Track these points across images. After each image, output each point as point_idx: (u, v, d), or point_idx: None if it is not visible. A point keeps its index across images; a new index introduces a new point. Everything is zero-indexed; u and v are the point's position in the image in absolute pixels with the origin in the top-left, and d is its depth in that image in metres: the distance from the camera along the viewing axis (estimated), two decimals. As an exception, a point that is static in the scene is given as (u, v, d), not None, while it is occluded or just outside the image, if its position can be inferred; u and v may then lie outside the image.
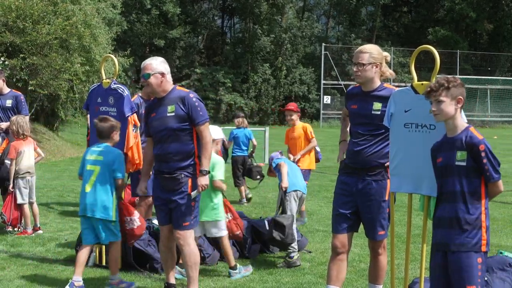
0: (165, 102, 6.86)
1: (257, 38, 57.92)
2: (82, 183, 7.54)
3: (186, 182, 6.77)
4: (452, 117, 5.10)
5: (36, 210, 10.63)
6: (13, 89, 11.96)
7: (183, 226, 6.85)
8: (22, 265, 8.40)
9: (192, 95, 6.86)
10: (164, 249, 7.19)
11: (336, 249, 6.33)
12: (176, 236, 6.97)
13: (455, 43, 60.62)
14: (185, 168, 6.78)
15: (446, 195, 5.09)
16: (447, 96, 5.06)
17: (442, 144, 5.19)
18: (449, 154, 5.07)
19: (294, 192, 9.33)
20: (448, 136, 5.16)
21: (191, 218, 6.86)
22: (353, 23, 64.37)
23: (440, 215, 5.14)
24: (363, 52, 6.24)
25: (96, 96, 8.45)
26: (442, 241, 5.09)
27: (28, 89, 22.42)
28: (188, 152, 6.79)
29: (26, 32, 22.79)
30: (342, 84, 55.08)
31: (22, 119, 10.38)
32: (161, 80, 6.85)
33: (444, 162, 5.10)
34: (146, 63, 6.94)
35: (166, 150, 6.78)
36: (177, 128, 6.75)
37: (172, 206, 6.85)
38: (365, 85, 6.32)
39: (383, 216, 6.31)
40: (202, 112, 6.80)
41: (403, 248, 7.44)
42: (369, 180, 6.25)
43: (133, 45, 51.23)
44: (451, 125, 5.12)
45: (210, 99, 54.17)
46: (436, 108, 5.10)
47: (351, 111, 6.46)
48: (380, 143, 6.22)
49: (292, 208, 9.22)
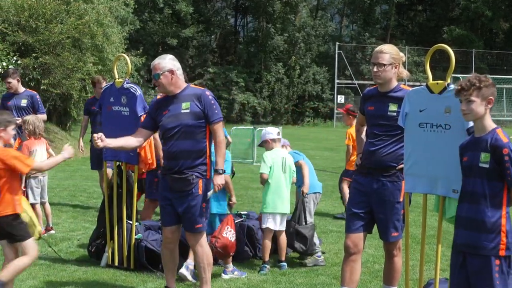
0: (179, 99, 6.81)
1: (271, 37, 57.87)
2: None
3: (197, 183, 6.71)
4: (481, 117, 5.06)
5: (48, 210, 10.66)
6: (27, 89, 12.04)
7: (196, 229, 6.80)
8: (34, 265, 8.40)
9: (208, 93, 6.83)
10: (166, 251, 7.09)
11: (348, 249, 6.33)
12: (188, 238, 6.94)
13: (471, 42, 60.31)
14: (196, 167, 6.71)
15: (467, 195, 5.07)
16: (478, 96, 5.00)
17: (469, 143, 5.15)
18: (474, 154, 5.03)
19: (314, 194, 9.28)
20: (475, 135, 5.12)
21: (203, 220, 6.80)
22: (367, 22, 64.18)
23: (460, 214, 5.13)
24: (383, 52, 6.23)
25: (108, 95, 8.46)
26: (461, 241, 5.08)
27: (41, 89, 22.48)
28: (200, 151, 6.74)
29: (39, 31, 22.86)
30: (356, 84, 54.98)
31: (37, 118, 10.41)
32: (171, 78, 6.80)
33: (469, 161, 5.07)
34: (155, 63, 6.88)
35: (178, 147, 6.70)
36: (192, 124, 6.69)
37: (182, 209, 6.77)
38: (382, 85, 6.32)
39: (397, 218, 6.30)
40: (217, 111, 6.78)
41: (418, 249, 7.43)
42: (384, 181, 6.25)
43: (145, 44, 51.32)
44: (479, 125, 5.07)
45: (223, 99, 54.15)
46: (466, 107, 5.04)
47: (368, 113, 6.45)
48: (395, 144, 6.22)
49: (311, 210, 9.19)
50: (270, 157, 8.67)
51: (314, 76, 58.68)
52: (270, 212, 8.56)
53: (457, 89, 5.10)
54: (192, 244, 6.93)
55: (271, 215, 8.57)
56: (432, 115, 5.84)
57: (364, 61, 58.54)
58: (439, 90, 5.80)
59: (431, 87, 5.88)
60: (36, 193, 10.39)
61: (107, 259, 8.49)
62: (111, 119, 8.35)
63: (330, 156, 25.83)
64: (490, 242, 4.92)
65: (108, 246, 8.46)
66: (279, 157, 8.75)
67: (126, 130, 7.75)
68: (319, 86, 58.62)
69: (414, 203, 11.00)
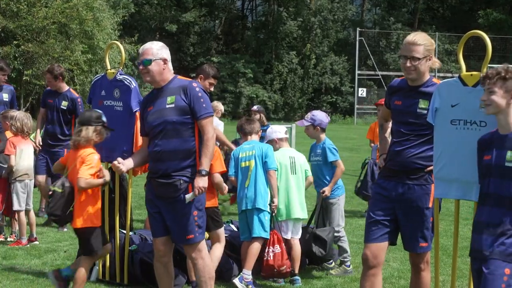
0: (164, 93, 6.79)
1: (282, 22, 57.86)
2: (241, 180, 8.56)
3: (185, 189, 6.66)
4: (503, 112, 5.09)
5: (33, 218, 10.66)
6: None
7: (187, 240, 6.75)
8: (16, 280, 8.45)
9: (195, 85, 6.80)
10: (158, 264, 7.04)
11: (367, 261, 6.31)
12: (186, 251, 6.94)
13: (510, 28, 60.05)
14: (183, 170, 6.67)
15: (490, 197, 5.09)
16: (501, 88, 5.06)
17: (493, 139, 5.17)
18: (499, 152, 5.07)
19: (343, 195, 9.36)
20: (499, 133, 5.14)
21: (195, 229, 6.72)
22: (392, 5, 64.09)
23: (479, 219, 5.15)
24: (416, 44, 6.15)
25: (99, 88, 8.48)
26: (478, 248, 5.11)
27: (23, 80, 22.56)
28: (188, 150, 6.70)
29: (21, 15, 22.97)
30: (379, 75, 54.82)
31: (26, 115, 10.45)
32: (163, 68, 6.79)
33: (493, 160, 5.09)
34: (146, 47, 6.85)
35: (162, 147, 6.67)
36: (177, 121, 6.66)
37: (169, 218, 6.74)
38: (415, 80, 6.29)
39: (426, 226, 6.28)
40: (205, 105, 6.72)
41: (449, 262, 7.43)
42: (411, 185, 6.23)
43: (141, 31, 51.41)
44: (503, 121, 5.11)
45: (228, 92, 54.20)
46: (487, 98, 5.09)
47: (394, 108, 6.43)
48: (425, 144, 6.20)
49: (343, 214, 9.29)
50: (276, 158, 8.73)
51: (331, 67, 58.64)
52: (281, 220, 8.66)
53: (482, 77, 5.14)
54: (190, 257, 6.91)
55: (283, 223, 8.64)
56: (466, 110, 5.84)
57: (389, 49, 58.45)
58: (473, 83, 5.80)
59: (465, 79, 5.88)
60: (21, 198, 10.32)
61: (97, 273, 8.52)
62: (102, 115, 8.35)
63: (350, 157, 25.79)
64: (509, 247, 5.00)
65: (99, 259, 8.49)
66: (287, 157, 8.81)
67: (119, 127, 7.77)
68: (338, 78, 58.56)
69: (445, 210, 10.98)
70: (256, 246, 8.33)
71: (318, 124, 9.07)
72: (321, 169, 9.12)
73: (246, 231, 8.49)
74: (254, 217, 8.41)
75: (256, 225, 8.37)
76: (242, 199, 8.50)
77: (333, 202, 9.14)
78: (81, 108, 11.63)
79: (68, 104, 11.69)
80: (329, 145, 9.11)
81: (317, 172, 9.16)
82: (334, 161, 9.04)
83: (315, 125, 9.07)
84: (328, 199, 9.07)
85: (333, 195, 9.09)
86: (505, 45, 56.41)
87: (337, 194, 9.15)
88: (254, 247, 8.31)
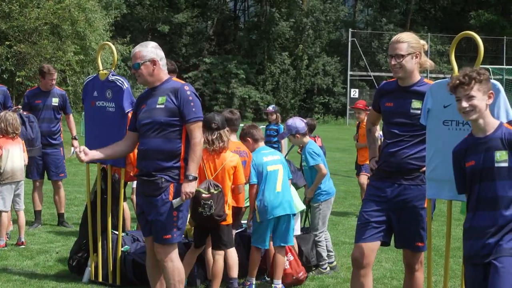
0: (157, 93, 6.84)
1: (275, 23, 57.93)
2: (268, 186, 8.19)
3: (167, 188, 6.67)
4: (483, 115, 5.09)
5: (22, 220, 10.42)
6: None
7: (164, 240, 6.74)
8: (7, 281, 8.43)
9: (187, 88, 6.81)
10: (151, 264, 7.09)
11: (356, 261, 6.28)
12: (156, 251, 6.89)
13: (501, 29, 60.26)
14: (167, 170, 6.68)
15: (484, 202, 5.08)
16: (479, 91, 5.06)
17: (471, 146, 5.17)
18: (484, 156, 5.05)
19: (331, 198, 9.31)
20: (478, 136, 5.13)
21: (173, 230, 6.73)
22: (384, 6, 64.22)
23: (476, 225, 5.12)
24: (400, 42, 6.19)
25: (92, 89, 8.46)
26: (481, 253, 5.08)
27: (15, 81, 22.52)
28: (173, 152, 6.71)
29: (13, 16, 22.92)
30: (371, 76, 54.95)
31: (11, 115, 10.35)
32: (152, 69, 6.82)
33: (480, 165, 5.09)
34: (136, 50, 6.91)
35: (149, 146, 6.72)
36: (165, 122, 6.69)
37: (150, 216, 6.76)
38: (404, 79, 6.28)
39: (422, 226, 6.28)
40: (195, 109, 6.73)
41: (441, 263, 7.43)
42: (406, 185, 6.23)
43: (133, 31, 51.42)
44: (482, 124, 5.10)
45: (220, 93, 54.24)
46: (468, 104, 5.07)
47: (385, 110, 6.43)
48: (419, 145, 6.20)
49: (327, 219, 9.24)
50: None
51: (324, 67, 58.75)
52: None
53: (454, 85, 5.12)
54: (160, 257, 6.85)
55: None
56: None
57: (381, 50, 58.56)
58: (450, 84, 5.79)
59: (457, 80, 5.87)
60: (7, 200, 10.10)
61: (89, 274, 8.49)
62: (94, 116, 8.35)
63: (342, 157, 25.85)
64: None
65: (91, 259, 8.46)
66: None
67: (111, 128, 7.76)
68: (330, 79, 58.68)
69: (437, 211, 10.99)
70: (283, 255, 8.19)
71: (295, 132, 8.98)
72: (308, 173, 9.11)
73: (266, 239, 8.20)
74: (291, 223, 8.24)
75: (291, 233, 8.25)
76: (277, 204, 8.11)
77: (315, 206, 9.11)
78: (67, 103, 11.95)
79: (59, 100, 11.78)
80: (308, 149, 9.01)
81: (307, 177, 9.13)
82: (314, 165, 8.99)
83: (293, 133, 9.01)
84: (311, 202, 9.08)
85: (314, 199, 9.04)
86: (496, 45, 56.62)
87: (318, 199, 9.04)
88: (282, 257, 8.17)
